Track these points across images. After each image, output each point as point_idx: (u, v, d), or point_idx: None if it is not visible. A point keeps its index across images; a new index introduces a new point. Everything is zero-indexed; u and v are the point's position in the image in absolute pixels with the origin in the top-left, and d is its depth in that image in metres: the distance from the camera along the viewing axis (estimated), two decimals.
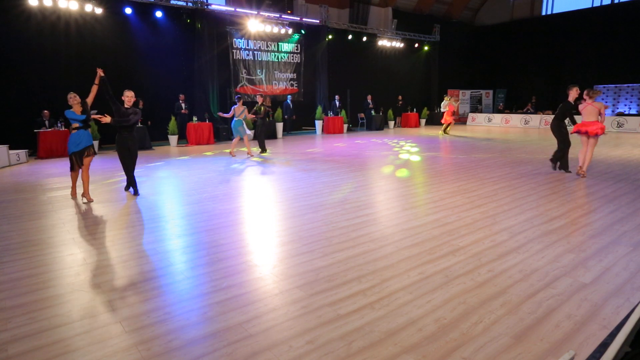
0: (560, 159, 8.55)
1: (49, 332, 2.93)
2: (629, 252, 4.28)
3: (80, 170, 6.68)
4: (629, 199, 6.46)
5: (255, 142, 12.31)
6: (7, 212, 6.12)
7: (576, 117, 8.20)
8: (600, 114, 7.76)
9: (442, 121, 17.33)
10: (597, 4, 21.76)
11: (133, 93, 6.97)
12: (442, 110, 17.76)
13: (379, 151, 12.71)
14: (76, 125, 6.60)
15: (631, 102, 20.85)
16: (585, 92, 7.92)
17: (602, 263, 4.00)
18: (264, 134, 12.11)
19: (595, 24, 21.34)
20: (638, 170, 8.83)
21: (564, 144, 8.39)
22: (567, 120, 8.26)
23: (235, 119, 11.15)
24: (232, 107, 11.34)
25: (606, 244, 4.52)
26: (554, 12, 23.64)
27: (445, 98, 17.83)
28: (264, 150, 12.13)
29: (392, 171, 9.24)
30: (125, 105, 6.80)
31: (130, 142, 6.78)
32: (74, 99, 6.65)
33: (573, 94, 8.10)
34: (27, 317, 3.13)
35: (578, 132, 8.04)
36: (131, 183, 7.07)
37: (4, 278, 3.84)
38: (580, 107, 8.01)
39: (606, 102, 20.85)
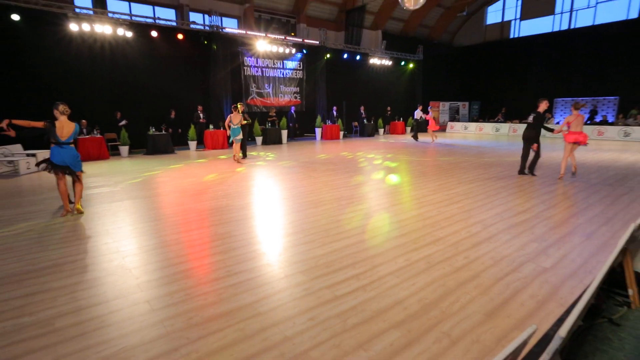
0: (534, 164, 8.40)
1: (88, 309, 2.95)
2: (582, 241, 4.32)
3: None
4: (583, 196, 6.50)
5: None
6: (52, 208, 6.14)
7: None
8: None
9: (429, 127, 17.23)
10: (556, 29, 21.92)
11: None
12: (415, 118, 17.59)
13: (369, 155, 12.72)
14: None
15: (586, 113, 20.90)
16: (573, 105, 7.73)
17: (561, 251, 4.03)
18: (246, 141, 11.76)
19: (555, 46, 21.52)
20: (591, 172, 8.86)
21: (539, 151, 8.26)
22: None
23: (232, 126, 10.74)
24: (229, 116, 10.87)
25: (564, 234, 4.55)
26: (520, 35, 23.71)
27: (419, 108, 17.82)
28: (244, 155, 11.82)
29: (382, 172, 9.25)
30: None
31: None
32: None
33: (543, 106, 7.95)
34: (70, 296, 3.16)
35: (576, 142, 7.78)
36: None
37: (50, 263, 3.86)
38: (570, 118, 7.74)
39: (563, 114, 20.93)
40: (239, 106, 10.80)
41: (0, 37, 10.94)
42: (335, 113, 18.78)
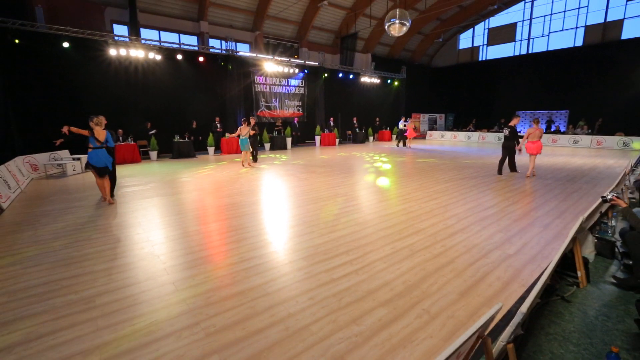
0: (514, 165, 8.78)
1: (123, 289, 2.95)
2: (540, 231, 4.32)
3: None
4: (541, 193, 6.50)
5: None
6: (94, 203, 6.13)
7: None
8: (540, 135, 8.09)
9: (407, 135, 17.21)
10: (517, 53, 22.05)
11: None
12: (400, 127, 17.55)
13: (361, 159, 12.69)
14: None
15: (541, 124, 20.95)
16: (534, 120, 8.13)
17: (522, 239, 4.03)
18: (256, 148, 11.67)
19: (516, 67, 21.59)
20: (546, 173, 8.87)
21: (513, 156, 8.62)
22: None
23: (241, 137, 10.43)
24: (239, 127, 10.61)
25: (525, 225, 4.55)
26: (487, 58, 23.77)
27: (403, 120, 17.74)
28: (255, 160, 11.72)
29: (371, 173, 9.22)
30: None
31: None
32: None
33: (515, 120, 8.27)
34: (108, 278, 3.15)
35: (530, 152, 8.15)
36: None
37: (92, 250, 3.85)
38: (531, 130, 8.06)
39: (524, 125, 20.96)
40: (250, 120, 10.74)
41: (54, 61, 11.00)
42: (332, 123, 18.77)
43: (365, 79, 20.79)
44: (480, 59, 24.13)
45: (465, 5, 21.03)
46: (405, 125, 17.35)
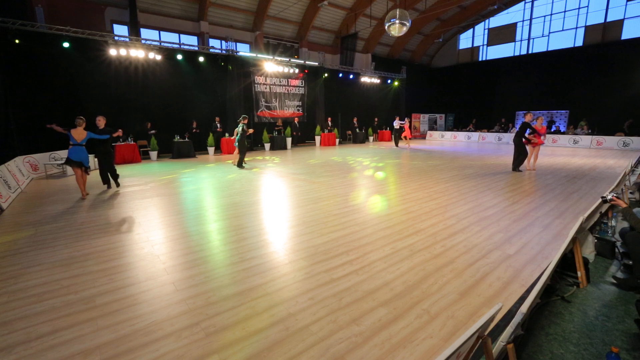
0: (520, 164, 9.05)
1: (123, 289, 2.95)
2: (540, 231, 4.32)
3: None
4: (541, 193, 6.50)
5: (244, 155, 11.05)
6: (93, 204, 6.13)
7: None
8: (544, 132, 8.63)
9: (405, 135, 17.26)
10: (517, 54, 22.05)
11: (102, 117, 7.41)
12: (395, 127, 17.58)
13: (361, 160, 12.68)
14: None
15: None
16: (536, 119, 8.67)
17: (522, 239, 4.03)
18: (244, 149, 10.24)
19: (516, 67, 21.61)
20: (546, 173, 8.86)
21: (525, 154, 8.96)
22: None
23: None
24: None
25: (525, 225, 4.55)
26: (487, 58, 23.78)
27: (397, 119, 17.72)
28: (239, 164, 10.31)
29: (371, 173, 9.22)
30: (100, 127, 7.23)
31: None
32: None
33: (528, 117, 8.73)
34: (108, 278, 3.15)
35: (530, 143, 8.62)
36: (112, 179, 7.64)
37: (92, 250, 3.85)
38: (534, 126, 8.61)
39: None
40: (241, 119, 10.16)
41: (54, 61, 11.00)
42: (331, 123, 18.78)
43: (365, 79, 20.79)
44: (480, 59, 24.14)
45: (465, 5, 21.04)
46: (402, 125, 17.37)
